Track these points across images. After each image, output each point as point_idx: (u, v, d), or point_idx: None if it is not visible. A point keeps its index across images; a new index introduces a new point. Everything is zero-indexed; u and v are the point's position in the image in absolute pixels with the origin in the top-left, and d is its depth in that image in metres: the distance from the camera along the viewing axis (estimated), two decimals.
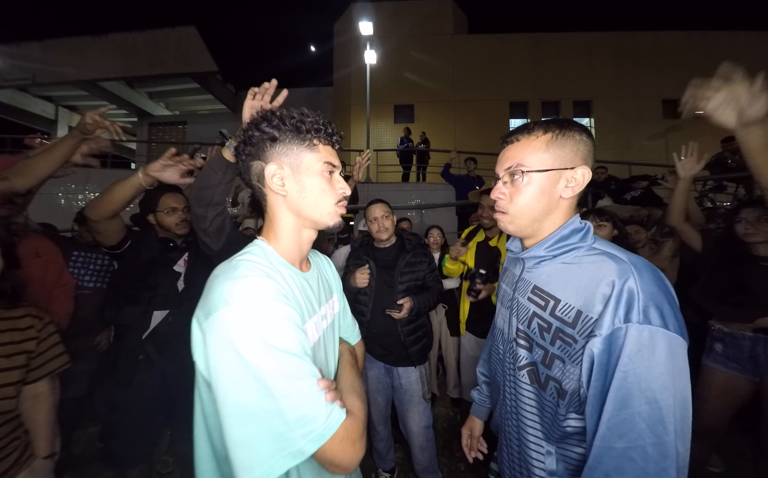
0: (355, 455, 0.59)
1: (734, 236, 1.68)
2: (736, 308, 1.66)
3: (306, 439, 0.53)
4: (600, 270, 0.64)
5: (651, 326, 0.56)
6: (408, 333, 1.81)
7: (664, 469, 0.53)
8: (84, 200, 7.39)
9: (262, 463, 0.52)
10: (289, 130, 0.67)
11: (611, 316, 0.58)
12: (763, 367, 1.59)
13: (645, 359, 0.55)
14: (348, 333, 0.97)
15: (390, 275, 1.84)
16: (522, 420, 0.76)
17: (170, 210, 1.59)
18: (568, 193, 0.71)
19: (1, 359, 0.94)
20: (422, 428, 1.85)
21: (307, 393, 0.55)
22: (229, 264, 0.64)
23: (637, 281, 0.59)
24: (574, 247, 0.71)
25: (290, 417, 0.53)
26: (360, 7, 11.42)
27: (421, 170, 8.88)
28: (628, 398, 0.55)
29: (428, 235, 3.03)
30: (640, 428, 0.55)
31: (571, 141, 0.71)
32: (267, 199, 0.71)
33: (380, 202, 1.89)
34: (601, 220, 1.71)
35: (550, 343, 0.68)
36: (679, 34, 11.64)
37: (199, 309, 0.60)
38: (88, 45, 11.18)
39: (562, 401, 0.67)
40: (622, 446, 0.55)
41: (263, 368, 0.53)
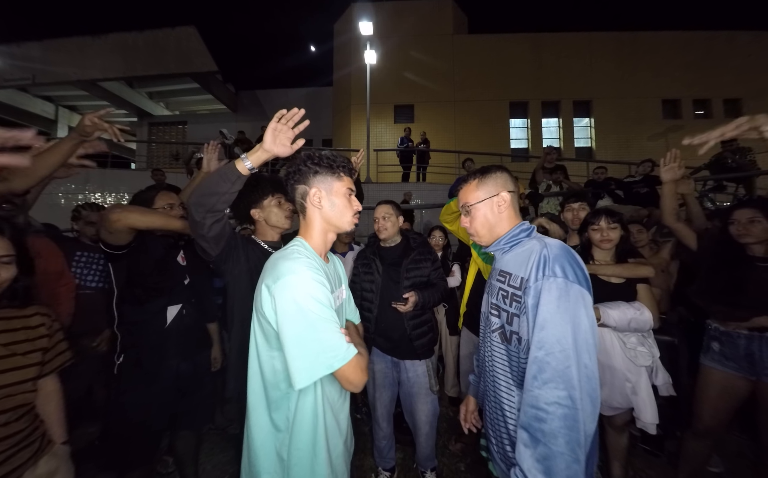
0: (363, 377, 0.92)
1: (729, 237, 1.70)
2: (731, 307, 1.67)
3: (334, 359, 0.86)
4: (531, 248, 0.96)
5: (555, 277, 0.87)
6: (414, 327, 1.86)
7: (568, 366, 0.82)
8: (84, 201, 7.40)
9: (308, 369, 0.85)
10: (326, 166, 1.02)
11: (534, 274, 0.90)
12: (759, 365, 1.60)
13: (554, 297, 0.85)
14: (352, 316, 1.30)
15: (396, 272, 1.89)
16: (496, 374, 1.04)
17: (168, 207, 1.59)
18: (503, 209, 1.06)
19: (20, 358, 1.02)
20: (430, 419, 1.93)
21: (335, 331, 0.88)
22: (287, 251, 0.98)
23: (548, 250, 0.91)
24: (521, 239, 1.03)
25: (325, 344, 0.86)
26: (360, 7, 11.43)
27: (421, 170, 8.88)
28: (544, 323, 0.85)
29: (431, 236, 3.06)
30: (551, 341, 0.84)
31: (491, 178, 1.07)
32: (307, 211, 1.04)
33: (385, 203, 1.96)
34: (612, 222, 1.73)
35: (509, 305, 0.99)
36: (679, 34, 11.64)
37: (267, 278, 0.91)
38: (88, 45, 11.19)
39: (521, 347, 0.94)
40: (542, 354, 0.84)
41: (311, 312, 0.86)
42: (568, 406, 0.80)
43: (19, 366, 1.01)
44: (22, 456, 0.99)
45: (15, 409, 1.00)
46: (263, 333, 0.93)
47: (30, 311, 1.08)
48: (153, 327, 1.51)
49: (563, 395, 0.80)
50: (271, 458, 0.95)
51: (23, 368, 1.02)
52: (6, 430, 0.97)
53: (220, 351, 1.93)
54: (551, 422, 0.80)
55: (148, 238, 1.58)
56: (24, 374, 1.02)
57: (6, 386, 0.97)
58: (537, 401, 0.83)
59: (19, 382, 1.01)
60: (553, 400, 0.81)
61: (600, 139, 11.89)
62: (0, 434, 0.95)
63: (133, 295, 1.51)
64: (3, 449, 0.95)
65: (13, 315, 1.04)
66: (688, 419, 1.88)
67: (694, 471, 1.89)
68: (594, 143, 12.01)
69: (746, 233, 1.63)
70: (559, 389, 0.80)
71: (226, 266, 1.31)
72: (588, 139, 12.30)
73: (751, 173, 4.52)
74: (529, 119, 12.21)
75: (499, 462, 1.04)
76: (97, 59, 11.13)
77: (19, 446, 1.00)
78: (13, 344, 1.02)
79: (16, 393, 1.00)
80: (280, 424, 0.94)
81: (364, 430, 2.46)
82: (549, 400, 0.81)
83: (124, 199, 7.43)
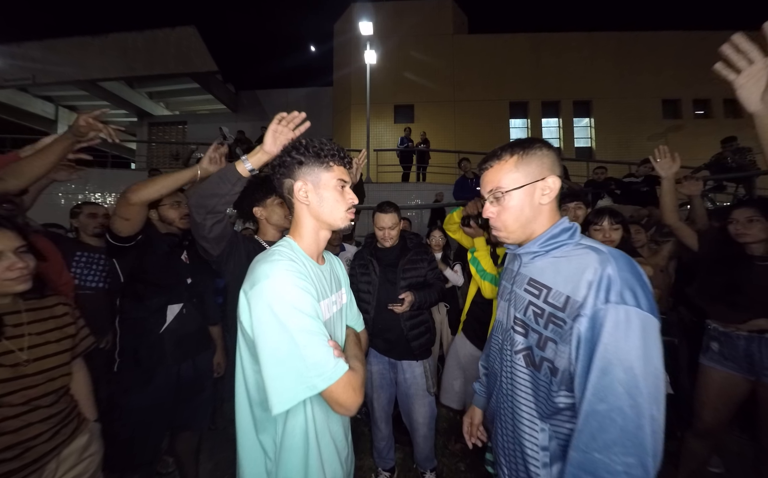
0: (355, 399, 0.78)
1: (728, 236, 1.70)
2: (730, 307, 1.67)
3: (319, 378, 0.73)
4: (585, 261, 0.74)
5: (626, 305, 0.65)
6: (410, 328, 1.85)
7: (640, 426, 0.62)
8: (84, 200, 7.40)
9: (288, 390, 0.73)
10: (312, 156, 0.88)
11: (594, 298, 0.68)
12: (758, 366, 1.60)
13: (622, 333, 0.64)
14: (354, 322, 1.14)
15: (393, 273, 1.89)
16: (517, 401, 0.84)
17: (175, 203, 1.59)
18: (546, 200, 0.82)
19: (54, 345, 1.10)
20: (428, 420, 1.91)
21: (320, 345, 0.75)
22: (267, 252, 0.86)
23: (615, 268, 0.69)
24: (564, 243, 0.81)
25: (308, 361, 0.73)
26: (360, 7, 11.42)
27: (421, 170, 8.88)
28: (608, 367, 0.65)
29: (430, 236, 3.05)
30: (619, 392, 0.63)
31: (535, 157, 0.82)
32: (294, 207, 0.92)
33: (390, 210, 1.87)
34: (615, 222, 1.71)
35: (543, 327, 0.78)
36: (679, 34, 11.64)
37: (245, 283, 0.81)
38: (88, 45, 11.18)
39: (555, 378, 0.75)
40: (605, 408, 0.64)
41: (289, 323, 0.73)
42: (639, 476, 0.62)
43: (55, 352, 1.10)
44: (65, 432, 1.10)
45: (57, 391, 1.09)
46: (246, 345, 0.82)
47: (51, 301, 1.15)
48: (151, 325, 1.50)
49: (633, 462, 0.62)
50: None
51: (58, 354, 1.11)
52: (52, 410, 1.07)
53: (223, 356, 1.92)
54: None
55: (154, 234, 1.57)
56: (60, 359, 1.11)
57: (47, 371, 1.06)
58: (595, 467, 0.64)
59: (57, 366, 1.09)
60: (620, 469, 0.62)
61: (600, 139, 11.89)
62: (48, 413, 1.05)
63: (134, 291, 1.50)
64: (51, 426, 1.06)
65: (39, 306, 1.11)
66: (688, 419, 1.88)
67: (694, 471, 1.89)
68: (594, 143, 12.01)
69: (745, 233, 1.63)
70: (628, 455, 0.62)
71: (227, 266, 1.31)
72: (588, 139, 12.30)
73: (751, 173, 4.52)
74: (529, 119, 12.20)
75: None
76: (97, 59, 11.12)
77: (63, 423, 1.10)
78: (46, 332, 1.10)
79: (56, 376, 1.09)
80: (268, 448, 0.84)
81: (364, 430, 2.46)
82: (614, 468, 0.63)
83: None
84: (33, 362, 1.03)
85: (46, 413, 1.05)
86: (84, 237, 2.19)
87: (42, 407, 1.04)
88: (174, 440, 1.76)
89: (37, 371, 1.04)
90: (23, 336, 1.03)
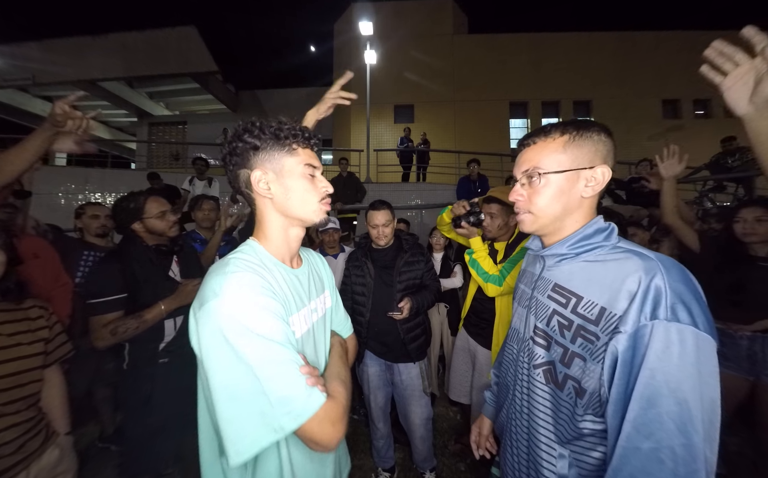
0: (334, 434, 0.64)
1: (732, 236, 1.69)
2: (735, 308, 1.67)
3: (287, 417, 0.59)
4: (625, 267, 0.62)
5: (679, 323, 0.54)
6: (407, 331, 1.84)
7: (695, 471, 0.51)
8: (84, 201, 7.40)
9: (247, 436, 0.59)
10: (269, 138, 0.73)
11: (637, 312, 0.57)
12: (759, 365, 1.60)
13: (674, 357, 0.53)
14: (341, 327, 1.01)
15: (388, 275, 1.86)
16: (534, 421, 0.74)
17: (161, 214, 1.54)
18: (589, 193, 0.71)
19: (25, 347, 1.05)
20: (424, 421, 1.91)
21: (288, 377, 0.61)
22: (222, 261, 0.71)
23: (664, 278, 0.57)
24: (598, 245, 0.70)
25: (273, 397, 0.59)
26: (360, 7, 11.42)
27: (421, 170, 8.88)
28: (656, 397, 0.54)
29: (431, 235, 3.06)
30: (669, 428, 0.53)
31: (589, 141, 0.71)
32: (256, 202, 0.77)
33: (383, 207, 1.84)
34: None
35: (570, 341, 0.67)
36: (679, 34, 11.64)
37: (195, 300, 0.66)
38: (88, 45, 11.17)
39: (581, 400, 0.65)
40: (650, 447, 0.53)
41: (247, 352, 0.59)
42: None
43: (25, 355, 1.04)
44: (32, 445, 1.03)
45: (26, 398, 1.03)
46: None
47: (27, 304, 1.10)
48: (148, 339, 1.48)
49: None
50: None
51: (29, 357, 1.05)
52: (19, 417, 1.00)
53: None
54: None
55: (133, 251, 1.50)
56: (30, 363, 1.05)
57: (15, 374, 1.00)
58: None
59: (27, 370, 1.04)
60: None
61: None
62: (13, 421, 0.99)
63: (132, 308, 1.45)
64: (17, 435, 0.99)
65: (13, 308, 1.06)
66: None
67: None
68: None
69: (752, 232, 1.62)
70: None
71: None
72: None
73: (751, 173, 4.52)
74: (529, 119, 12.20)
75: None
76: (97, 59, 11.11)
77: (30, 434, 1.03)
78: (17, 334, 1.04)
79: (26, 382, 1.03)
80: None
81: (364, 430, 2.46)
82: None
83: None
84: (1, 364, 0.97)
85: (11, 421, 0.98)
86: (88, 237, 2.23)
87: (7, 414, 0.97)
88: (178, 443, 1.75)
89: (7, 373, 0.98)
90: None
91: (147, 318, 1.40)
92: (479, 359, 1.88)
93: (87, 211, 2.22)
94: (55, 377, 1.17)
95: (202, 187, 4.83)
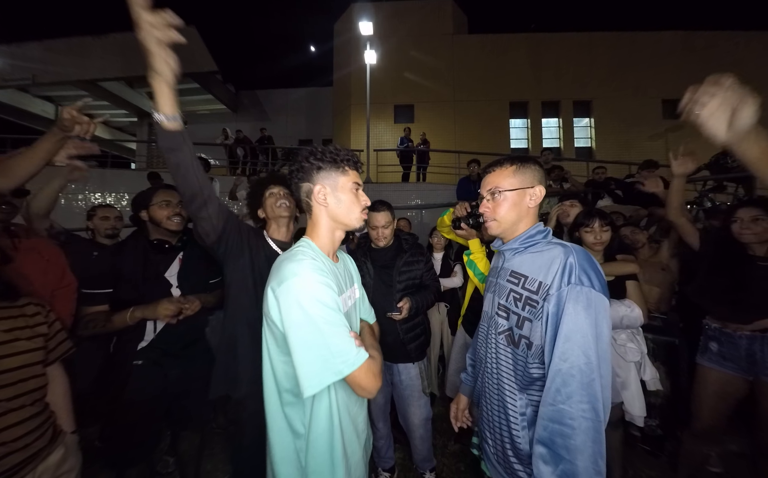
0: (375, 383, 0.87)
1: (731, 236, 1.70)
2: (733, 307, 1.67)
3: (344, 364, 0.82)
4: (553, 253, 0.91)
5: (583, 286, 0.83)
6: (407, 331, 1.84)
7: (593, 379, 0.79)
8: (84, 200, 7.39)
9: (316, 375, 0.81)
10: (329, 161, 0.96)
11: (558, 281, 0.86)
12: (759, 365, 1.60)
13: (580, 307, 0.82)
14: (367, 315, 1.26)
15: (388, 275, 1.86)
16: (501, 377, 1.00)
17: (164, 203, 1.54)
18: (533, 204, 1.01)
19: (24, 342, 1.05)
20: (423, 421, 1.91)
21: (343, 335, 0.84)
22: (291, 252, 0.94)
23: (575, 257, 0.87)
24: (538, 241, 0.99)
25: (333, 349, 0.82)
26: (360, 7, 11.43)
27: (421, 170, 8.88)
28: (570, 333, 0.81)
29: (432, 235, 3.05)
30: (576, 353, 0.80)
31: (529, 169, 1.01)
32: (313, 209, 0.99)
33: (383, 209, 1.83)
34: (605, 225, 1.76)
35: (521, 309, 0.94)
36: (679, 34, 11.64)
37: (272, 281, 0.88)
38: (88, 45, 11.16)
39: (530, 352, 0.91)
40: (566, 367, 0.81)
41: (317, 316, 0.82)
42: (593, 419, 0.78)
43: (25, 350, 1.05)
44: (41, 442, 1.03)
45: (29, 393, 1.03)
46: (274, 338, 0.90)
47: (23, 302, 1.10)
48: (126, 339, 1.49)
49: (587, 407, 0.78)
50: (291, 464, 0.93)
51: (28, 352, 1.06)
52: (24, 413, 1.00)
53: None
54: (576, 438, 0.77)
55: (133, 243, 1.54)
56: (31, 358, 1.06)
57: (16, 370, 1.00)
58: (561, 415, 0.80)
59: (27, 365, 1.04)
60: (578, 414, 0.78)
61: (600, 139, 11.89)
62: (19, 417, 0.99)
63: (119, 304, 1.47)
64: (24, 433, 0.99)
65: (7, 305, 1.06)
66: (687, 419, 1.89)
67: (694, 471, 1.89)
68: (594, 143, 12.00)
69: (749, 232, 1.62)
70: (583, 403, 0.78)
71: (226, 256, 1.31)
72: (588, 139, 12.29)
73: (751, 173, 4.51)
74: (529, 119, 12.20)
75: (495, 463, 1.03)
76: (96, 59, 11.10)
77: (37, 433, 1.03)
78: (14, 330, 1.04)
79: (27, 377, 1.03)
80: (297, 429, 0.92)
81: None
82: (574, 414, 0.78)
83: (123, 199, 7.42)
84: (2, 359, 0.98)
85: (17, 417, 0.99)
86: (98, 238, 2.29)
87: (13, 410, 0.98)
88: (175, 440, 1.76)
89: (9, 367, 0.99)
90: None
91: (114, 319, 1.44)
92: None
93: (98, 213, 2.30)
94: (57, 375, 1.18)
95: None
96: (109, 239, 2.29)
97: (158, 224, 1.55)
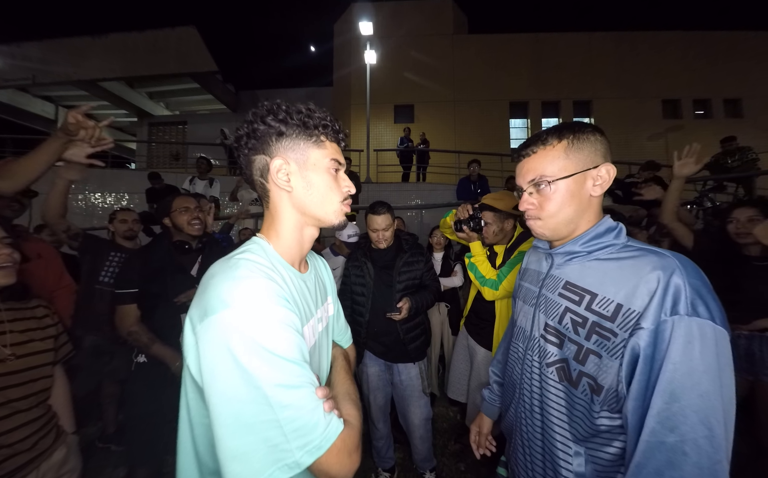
0: (351, 466, 0.56)
1: (727, 236, 1.70)
2: (731, 307, 1.68)
3: (303, 451, 0.51)
4: (642, 265, 0.63)
5: (699, 318, 0.55)
6: (407, 331, 1.84)
7: (718, 461, 0.52)
8: (84, 201, 7.40)
9: (256, 473, 0.49)
10: (297, 125, 0.66)
11: (658, 309, 0.58)
12: (758, 365, 1.60)
13: (696, 351, 0.54)
14: (341, 337, 0.93)
15: (388, 275, 1.86)
16: (548, 419, 0.74)
17: (183, 209, 1.63)
18: (597, 192, 0.73)
19: (38, 343, 1.07)
20: (423, 421, 1.90)
21: (305, 403, 0.52)
22: (228, 262, 0.59)
23: (683, 275, 0.59)
24: (609, 244, 0.72)
25: (288, 428, 0.50)
26: (360, 7, 11.41)
27: (421, 170, 8.88)
28: (679, 390, 0.54)
29: (432, 235, 3.06)
30: (692, 421, 0.53)
31: (588, 142, 0.72)
32: (270, 194, 0.67)
33: (383, 211, 1.79)
34: None
35: (585, 338, 0.67)
36: (679, 34, 11.63)
37: (193, 309, 0.56)
38: (88, 45, 11.17)
39: (597, 397, 0.65)
40: (674, 440, 0.54)
41: (262, 376, 0.50)
42: None
43: (38, 351, 1.06)
44: (45, 442, 1.03)
45: (37, 394, 1.04)
46: (195, 388, 0.58)
47: (32, 304, 1.13)
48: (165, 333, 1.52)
49: None
50: None
51: (41, 353, 1.07)
52: (30, 414, 1.01)
53: None
54: None
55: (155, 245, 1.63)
56: (44, 358, 1.07)
57: (28, 370, 1.02)
58: None
59: (40, 365, 1.06)
60: None
61: None
62: (27, 418, 0.99)
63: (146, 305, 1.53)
64: (30, 433, 0.99)
65: (18, 306, 1.08)
66: None
67: None
68: None
69: (745, 232, 1.63)
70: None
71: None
72: None
73: (751, 173, 4.53)
74: (529, 119, 12.20)
75: None
76: (96, 59, 11.11)
77: (42, 433, 1.03)
78: (28, 330, 1.06)
79: (38, 377, 1.04)
80: None
81: (363, 429, 2.47)
82: None
83: (123, 199, 7.42)
84: (18, 359, 0.99)
85: (24, 418, 0.99)
86: (117, 239, 2.37)
87: (21, 411, 0.99)
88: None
89: (23, 367, 1.00)
90: (5, 333, 1.00)
91: (153, 348, 1.50)
92: (477, 359, 1.88)
93: (117, 216, 2.40)
94: (59, 376, 1.19)
95: (202, 186, 4.85)
96: (128, 241, 2.39)
97: (181, 229, 1.64)
